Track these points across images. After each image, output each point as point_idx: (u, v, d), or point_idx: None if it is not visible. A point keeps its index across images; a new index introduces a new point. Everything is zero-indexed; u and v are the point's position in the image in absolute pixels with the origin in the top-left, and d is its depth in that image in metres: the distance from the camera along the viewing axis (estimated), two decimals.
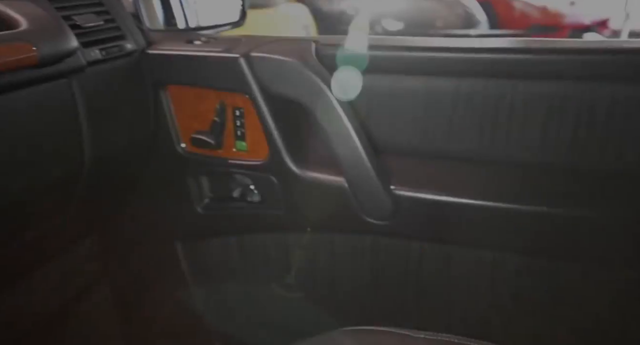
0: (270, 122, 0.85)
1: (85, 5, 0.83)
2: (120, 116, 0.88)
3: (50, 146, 0.77)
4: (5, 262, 0.84)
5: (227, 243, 1.05)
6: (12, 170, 0.72)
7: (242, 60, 0.83)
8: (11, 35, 0.62)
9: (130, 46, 0.88)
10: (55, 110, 0.76)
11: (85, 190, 0.88)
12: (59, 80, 0.75)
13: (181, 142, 0.96)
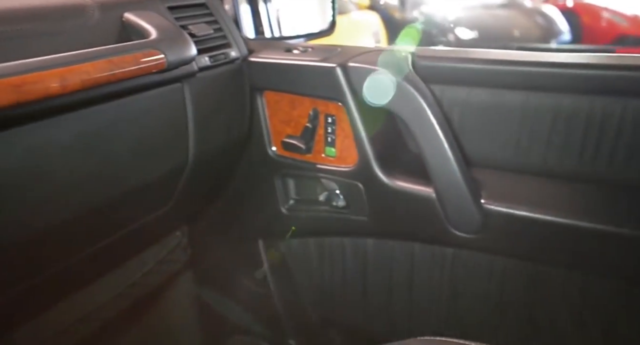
0: (361, 130, 0.88)
1: (199, 16, 0.90)
2: (220, 118, 0.95)
3: (162, 144, 0.84)
4: (109, 248, 0.93)
5: (307, 244, 1.09)
6: (129, 164, 0.80)
7: (338, 69, 0.87)
8: (144, 43, 0.69)
9: (235, 54, 0.94)
10: (168, 112, 0.83)
11: (184, 186, 0.95)
12: (174, 84, 0.83)
13: (272, 145, 1.02)
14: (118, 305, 1.09)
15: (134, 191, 0.83)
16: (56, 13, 0.69)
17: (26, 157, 0.63)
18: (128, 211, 0.88)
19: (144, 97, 0.78)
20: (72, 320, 0.97)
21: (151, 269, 1.15)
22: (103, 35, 0.73)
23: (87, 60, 0.60)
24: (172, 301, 1.29)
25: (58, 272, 0.82)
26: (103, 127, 0.72)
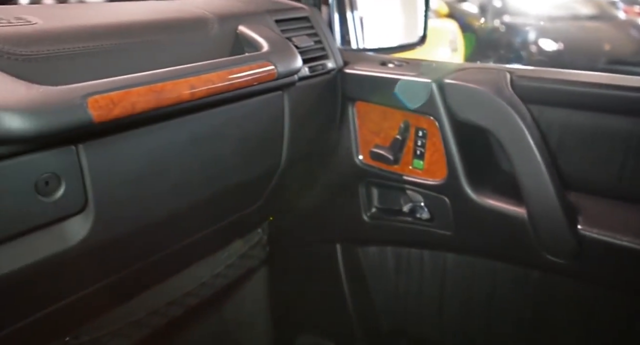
0: (452, 146, 0.88)
1: (301, 28, 0.95)
2: (312, 125, 0.99)
3: (259, 147, 0.90)
4: (202, 240, 1.00)
5: (385, 252, 1.11)
6: (231, 164, 0.86)
7: (433, 85, 0.88)
8: (258, 56, 0.75)
9: (331, 65, 0.98)
10: (268, 117, 0.89)
11: (273, 188, 1.01)
12: (276, 92, 0.88)
13: (359, 154, 1.04)
14: (201, 293, 1.17)
15: (232, 189, 0.90)
16: (182, 25, 0.76)
17: (149, 154, 0.70)
18: (224, 207, 0.94)
19: (249, 103, 0.83)
20: (163, 303, 1.06)
21: (233, 262, 1.22)
22: (220, 45, 0.79)
23: (212, 70, 0.66)
24: (247, 295, 1.36)
25: (159, 259, 0.89)
26: (212, 130, 0.78)
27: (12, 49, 0.56)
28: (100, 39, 0.65)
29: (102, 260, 0.72)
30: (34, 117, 0.48)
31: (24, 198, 0.57)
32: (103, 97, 0.53)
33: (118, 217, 0.68)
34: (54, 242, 0.63)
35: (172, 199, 0.77)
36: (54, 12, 0.67)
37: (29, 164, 0.56)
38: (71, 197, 0.61)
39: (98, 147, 0.63)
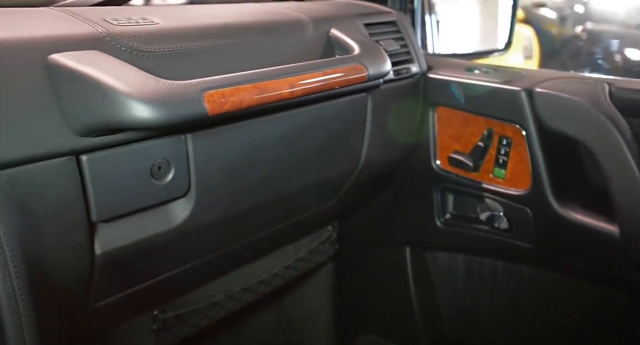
0: (539, 156, 0.86)
1: (388, 32, 0.97)
2: (392, 128, 1.01)
3: (341, 147, 0.93)
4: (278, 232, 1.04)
5: (456, 259, 1.10)
6: (314, 161, 0.89)
7: (523, 94, 0.87)
8: (350, 58, 0.77)
9: (415, 69, 0.99)
10: (352, 118, 0.91)
11: (349, 187, 1.03)
12: (361, 94, 0.90)
13: (437, 159, 1.05)
14: (273, 283, 1.22)
15: (312, 186, 0.93)
16: (281, 27, 0.81)
17: (244, 147, 0.74)
18: (302, 202, 0.98)
19: (335, 103, 0.86)
20: (239, 289, 1.12)
21: (303, 256, 1.26)
22: (314, 47, 0.83)
23: (309, 70, 0.69)
24: (313, 289, 1.39)
25: (241, 246, 0.95)
26: (300, 127, 0.82)
27: (140, 46, 0.63)
28: (210, 39, 0.70)
29: (196, 242, 0.78)
30: (160, 108, 0.53)
31: (141, 180, 0.63)
32: (217, 93, 0.58)
33: (214, 203, 0.74)
34: (160, 222, 0.69)
35: (260, 191, 0.82)
36: (172, 13, 0.73)
37: (147, 149, 0.63)
38: (178, 181, 0.67)
39: (202, 137, 0.68)
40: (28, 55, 0.54)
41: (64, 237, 0.58)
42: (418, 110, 1.03)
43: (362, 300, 1.33)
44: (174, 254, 0.77)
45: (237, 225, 0.85)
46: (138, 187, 0.63)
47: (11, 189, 0.51)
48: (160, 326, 0.99)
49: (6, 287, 0.51)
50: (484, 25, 1.40)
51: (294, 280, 1.30)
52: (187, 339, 1.05)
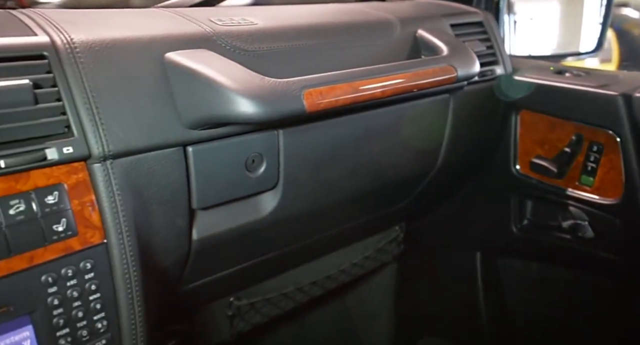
0: (634, 164, 0.82)
1: (474, 33, 0.96)
2: (472, 130, 0.99)
3: (419, 147, 0.93)
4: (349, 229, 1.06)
5: (530, 267, 1.07)
6: (392, 161, 0.90)
7: (620, 99, 0.83)
8: (440, 59, 0.77)
9: (500, 71, 0.97)
10: (432, 119, 0.91)
11: (423, 188, 1.03)
12: (444, 95, 0.90)
13: (517, 164, 1.02)
14: (340, 279, 1.24)
15: (388, 184, 0.94)
16: (370, 27, 0.82)
17: (329, 144, 0.76)
18: (377, 201, 0.99)
19: (418, 104, 0.86)
20: (307, 282, 1.15)
21: (370, 254, 1.27)
22: (401, 48, 0.84)
23: (400, 71, 0.70)
24: (376, 288, 1.40)
25: (315, 241, 0.97)
26: (383, 127, 0.83)
27: (242, 45, 0.66)
28: (304, 39, 0.73)
29: (277, 234, 0.81)
30: (264, 104, 0.56)
31: (237, 172, 0.67)
32: (315, 91, 0.60)
33: (298, 197, 0.76)
34: (250, 213, 0.72)
35: (341, 187, 0.84)
36: (267, 14, 0.76)
37: (244, 143, 0.66)
38: (269, 175, 0.70)
39: (292, 133, 0.71)
40: (148, 53, 0.58)
41: (169, 221, 0.62)
42: (500, 112, 1.01)
43: (426, 302, 1.32)
44: (257, 244, 0.81)
45: (316, 220, 0.87)
46: (234, 178, 0.67)
47: (129, 175, 0.56)
48: (234, 312, 1.03)
49: (122, 264, 0.56)
50: (567, 25, 1.34)
51: (359, 278, 1.31)
52: (257, 326, 1.10)
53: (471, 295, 1.19)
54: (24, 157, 0.48)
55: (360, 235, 1.18)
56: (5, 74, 0.49)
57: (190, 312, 0.96)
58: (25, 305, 0.49)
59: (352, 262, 1.23)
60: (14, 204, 0.48)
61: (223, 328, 1.03)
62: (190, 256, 0.68)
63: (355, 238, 1.17)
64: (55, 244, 0.51)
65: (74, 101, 0.52)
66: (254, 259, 0.85)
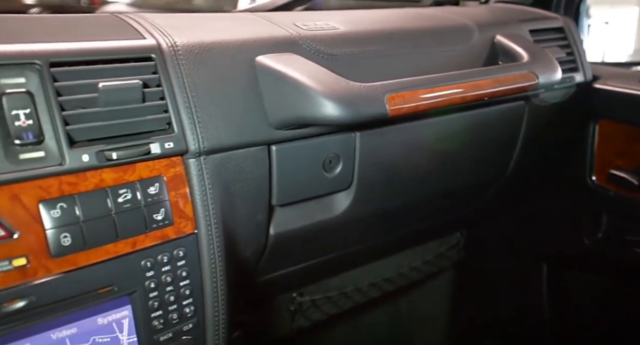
0: None
1: (554, 39, 0.93)
2: (547, 139, 0.97)
3: (491, 154, 0.91)
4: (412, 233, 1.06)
5: (604, 284, 1.02)
6: (463, 166, 0.89)
7: None
8: (522, 66, 0.76)
9: (579, 78, 0.94)
10: (506, 126, 0.90)
11: (491, 195, 1.01)
12: (519, 101, 0.88)
13: (593, 175, 0.98)
14: (397, 282, 1.24)
15: (456, 190, 0.93)
16: (448, 33, 0.82)
17: (402, 148, 0.77)
18: (443, 205, 0.99)
19: (492, 110, 0.85)
20: (366, 284, 1.16)
21: (429, 259, 1.26)
22: (479, 54, 0.83)
23: (481, 77, 0.70)
24: (433, 293, 1.39)
25: (378, 243, 0.98)
26: (455, 132, 0.83)
27: (325, 49, 0.68)
28: (383, 43, 0.74)
29: (347, 233, 0.83)
30: (349, 107, 0.58)
31: (314, 171, 0.69)
32: (398, 95, 0.61)
33: (370, 198, 0.78)
34: (323, 212, 0.74)
35: (412, 191, 0.84)
36: (347, 19, 0.78)
37: (323, 144, 0.68)
38: (344, 175, 0.72)
39: (369, 135, 0.72)
40: (240, 55, 0.61)
41: (250, 216, 0.65)
42: (576, 121, 0.98)
43: (485, 310, 1.29)
44: (326, 242, 0.83)
45: (384, 221, 0.88)
46: (312, 177, 0.69)
47: (219, 171, 0.60)
48: (296, 308, 1.06)
49: (210, 253, 0.59)
50: None
51: (416, 282, 1.31)
52: (316, 323, 1.12)
53: (535, 308, 1.15)
54: (132, 150, 0.53)
55: (422, 240, 1.17)
56: (119, 74, 0.53)
57: (255, 304, 1.00)
58: (126, 286, 0.53)
59: (412, 266, 1.23)
60: (122, 193, 0.52)
61: (284, 322, 1.07)
62: (266, 251, 0.71)
63: (416, 242, 1.17)
64: (154, 231, 0.55)
65: (175, 100, 0.56)
66: (320, 256, 0.87)
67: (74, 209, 0.49)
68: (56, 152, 0.49)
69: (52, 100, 0.49)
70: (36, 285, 0.47)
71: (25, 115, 0.47)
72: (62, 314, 0.50)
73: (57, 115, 0.49)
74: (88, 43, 0.53)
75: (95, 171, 0.51)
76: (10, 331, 0.47)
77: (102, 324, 0.52)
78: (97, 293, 0.51)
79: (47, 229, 0.48)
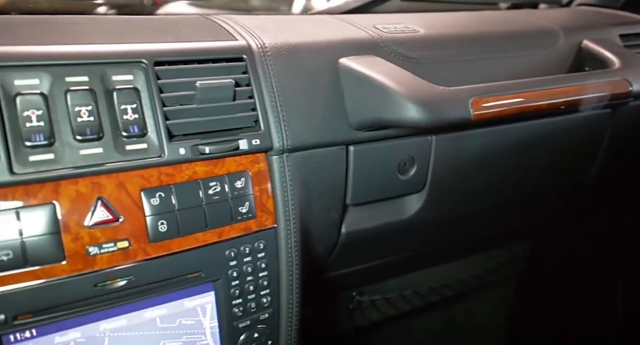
0: None
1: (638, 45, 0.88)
2: (631, 149, 0.91)
3: (570, 162, 0.88)
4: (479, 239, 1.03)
5: None
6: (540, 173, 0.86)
7: None
8: (613, 72, 0.73)
9: None
10: (587, 134, 0.86)
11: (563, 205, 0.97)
12: (605, 110, 0.84)
13: None
14: (456, 288, 1.22)
15: (528, 198, 0.91)
16: (532, 37, 0.80)
17: (477, 153, 0.76)
18: (513, 213, 0.96)
19: (574, 117, 0.82)
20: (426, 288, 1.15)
21: (491, 267, 1.23)
22: (564, 59, 0.80)
23: (570, 83, 0.67)
24: (491, 303, 1.35)
25: (443, 247, 0.97)
26: (534, 139, 0.80)
27: (405, 52, 0.69)
28: (465, 47, 0.73)
29: (414, 235, 0.83)
30: (432, 111, 0.58)
31: (389, 173, 0.69)
32: (482, 100, 0.60)
33: (441, 202, 0.77)
34: (394, 213, 0.75)
35: (483, 196, 0.83)
36: (427, 22, 0.78)
37: (400, 146, 0.69)
38: (418, 178, 0.72)
39: (445, 140, 0.72)
40: (324, 57, 0.63)
41: (325, 213, 0.67)
42: None
43: (546, 328, 1.24)
44: (393, 244, 0.83)
45: (452, 226, 0.87)
46: (386, 179, 0.70)
47: (300, 168, 0.62)
48: (355, 307, 1.07)
49: (287, 247, 0.61)
50: None
51: (475, 290, 1.28)
52: (373, 323, 1.13)
53: (608, 327, 1.10)
54: (222, 145, 0.56)
55: (486, 247, 1.15)
56: (213, 73, 0.56)
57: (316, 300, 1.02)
58: (212, 273, 0.56)
59: (473, 273, 1.20)
60: (212, 185, 0.55)
61: (342, 320, 1.08)
62: (337, 248, 0.73)
63: (481, 249, 1.15)
64: (239, 223, 0.57)
65: (263, 99, 0.58)
66: (386, 257, 0.87)
67: (171, 198, 0.53)
68: (157, 145, 0.52)
69: (155, 97, 0.52)
70: (135, 267, 0.51)
71: (132, 109, 0.52)
72: (155, 295, 0.53)
73: (159, 111, 0.52)
74: (187, 44, 0.57)
75: (189, 164, 0.54)
76: (110, 307, 0.51)
77: (188, 308, 0.56)
78: (186, 278, 0.55)
79: (147, 216, 0.51)
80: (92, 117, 0.49)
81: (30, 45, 0.49)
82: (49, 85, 0.48)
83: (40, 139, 0.47)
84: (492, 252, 1.20)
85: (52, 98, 0.48)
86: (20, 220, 0.46)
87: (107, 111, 0.50)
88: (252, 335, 0.60)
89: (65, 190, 0.48)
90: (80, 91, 0.49)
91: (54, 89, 0.48)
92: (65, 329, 0.49)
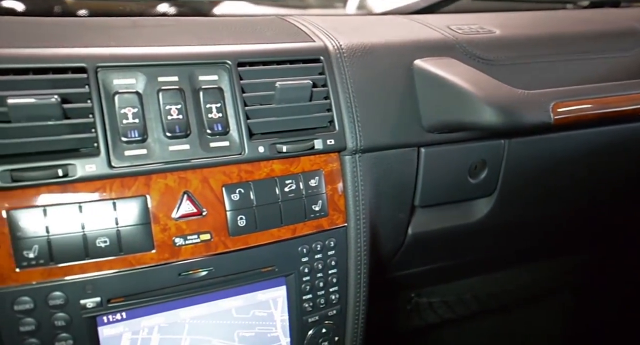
0: None
1: None
2: None
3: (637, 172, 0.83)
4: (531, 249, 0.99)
5: None
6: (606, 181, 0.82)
7: None
8: None
9: None
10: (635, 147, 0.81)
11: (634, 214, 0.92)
12: None
13: None
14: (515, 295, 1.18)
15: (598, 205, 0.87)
16: (612, 37, 0.76)
17: (549, 158, 0.74)
18: (580, 220, 0.92)
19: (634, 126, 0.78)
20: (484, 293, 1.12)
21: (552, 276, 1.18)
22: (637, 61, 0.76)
23: None
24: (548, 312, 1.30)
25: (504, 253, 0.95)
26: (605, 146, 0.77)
27: (481, 54, 0.67)
28: (544, 48, 0.71)
29: (479, 239, 0.82)
30: (511, 114, 0.56)
31: (459, 176, 0.69)
32: (564, 104, 0.58)
33: (511, 207, 0.75)
34: (461, 217, 0.74)
35: (551, 203, 0.80)
36: (503, 21, 0.76)
37: (471, 149, 0.68)
38: (488, 182, 0.71)
39: (519, 144, 0.70)
40: (399, 59, 0.63)
41: (393, 214, 0.67)
42: None
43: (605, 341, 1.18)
44: (459, 247, 0.82)
45: (519, 232, 0.85)
46: (456, 181, 0.69)
47: (371, 168, 0.62)
48: (412, 307, 1.07)
49: (356, 246, 0.62)
50: None
51: (533, 298, 1.23)
52: (429, 325, 1.11)
53: None
54: (299, 144, 0.57)
55: (549, 255, 1.11)
56: (291, 74, 0.58)
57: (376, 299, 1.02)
58: (285, 268, 0.58)
59: (532, 281, 1.16)
60: (288, 183, 0.57)
61: (399, 320, 1.08)
62: (402, 248, 0.73)
63: (544, 256, 1.11)
64: (311, 221, 0.59)
65: (339, 100, 0.59)
66: (449, 260, 0.86)
67: (250, 194, 0.55)
68: (238, 143, 0.54)
69: (237, 96, 0.54)
70: (215, 259, 0.54)
71: (217, 108, 0.54)
72: (232, 286, 0.56)
73: (241, 110, 0.54)
74: (267, 45, 0.59)
75: (267, 162, 0.56)
76: (191, 296, 0.54)
77: (261, 300, 0.58)
78: (260, 271, 0.57)
79: (228, 210, 0.54)
80: (181, 115, 0.52)
81: (124, 47, 0.52)
82: (143, 84, 0.51)
83: (135, 135, 0.50)
84: (554, 260, 1.15)
85: (146, 97, 0.51)
86: (116, 210, 0.49)
87: (194, 110, 0.53)
88: (320, 331, 0.62)
89: (156, 184, 0.51)
90: (171, 90, 0.52)
91: (148, 88, 0.51)
92: (152, 314, 0.53)
